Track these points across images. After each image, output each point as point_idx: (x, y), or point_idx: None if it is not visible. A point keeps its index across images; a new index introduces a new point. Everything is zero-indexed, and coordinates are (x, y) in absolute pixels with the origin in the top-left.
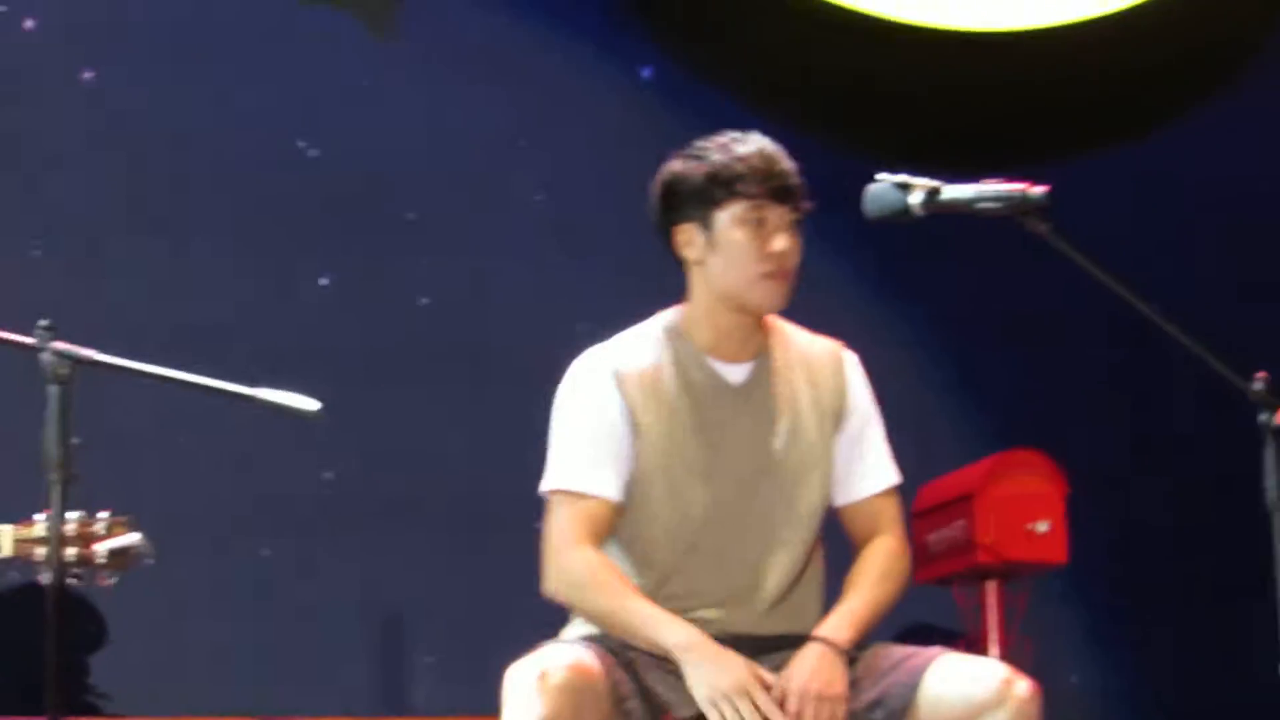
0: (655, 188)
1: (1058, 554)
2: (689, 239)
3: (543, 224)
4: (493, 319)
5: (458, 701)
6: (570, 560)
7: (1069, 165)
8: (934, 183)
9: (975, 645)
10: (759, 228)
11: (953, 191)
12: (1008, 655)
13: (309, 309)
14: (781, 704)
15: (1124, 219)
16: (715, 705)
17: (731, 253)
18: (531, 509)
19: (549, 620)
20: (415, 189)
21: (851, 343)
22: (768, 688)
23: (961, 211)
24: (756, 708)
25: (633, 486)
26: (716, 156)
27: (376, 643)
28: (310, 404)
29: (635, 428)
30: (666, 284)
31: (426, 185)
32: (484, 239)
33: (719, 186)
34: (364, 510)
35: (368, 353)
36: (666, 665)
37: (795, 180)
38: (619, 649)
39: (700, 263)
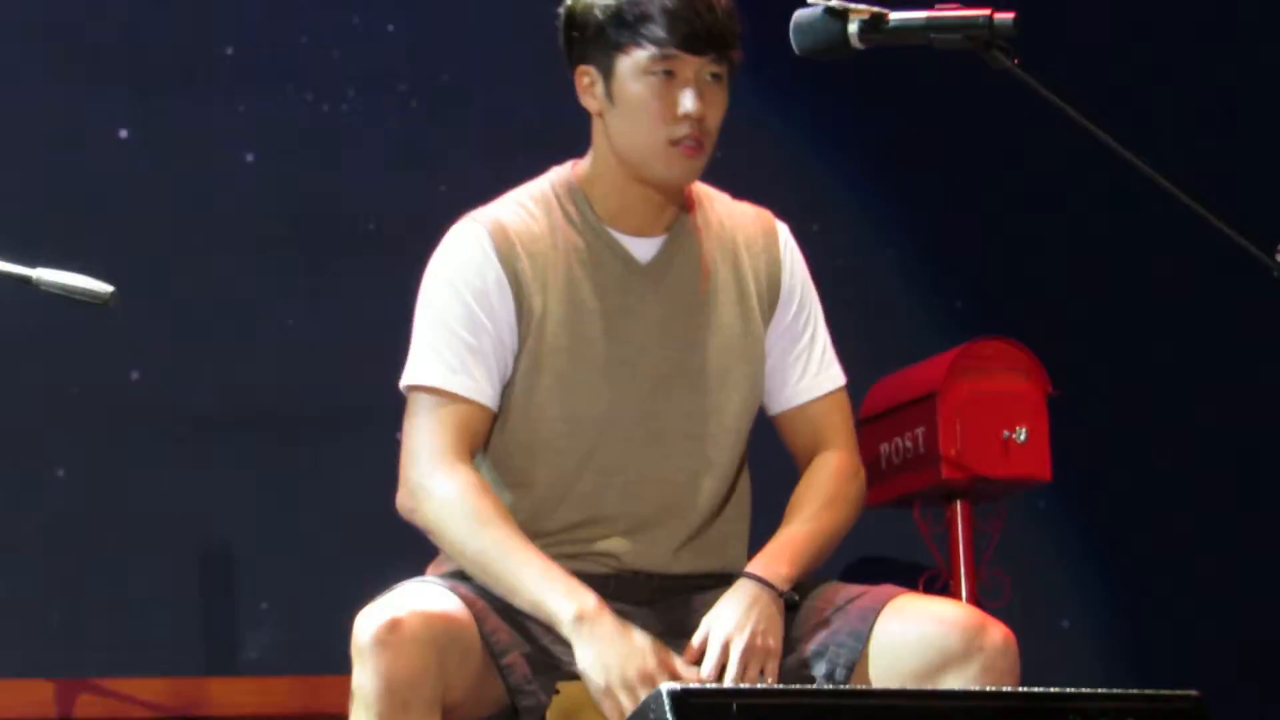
0: (562, 15)
1: (1039, 468)
2: (589, 86)
3: (398, 54)
4: (337, 177)
5: (299, 656)
6: (435, 480)
7: None
8: (876, 8)
9: (941, 581)
10: (666, 82)
11: (900, 19)
12: (979, 594)
13: (105, 168)
14: (701, 655)
15: (1101, 51)
16: (610, 695)
17: (631, 111)
18: (390, 416)
19: (410, 553)
20: (237, 12)
21: (782, 211)
22: (677, 678)
23: (911, 44)
24: None
25: (514, 384)
26: None
27: (198, 585)
28: (103, 287)
29: (520, 312)
30: (547, 136)
31: (248, 12)
32: (323, 75)
33: (620, 27)
34: (180, 419)
35: (178, 222)
36: None
37: (722, 23)
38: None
39: (600, 116)
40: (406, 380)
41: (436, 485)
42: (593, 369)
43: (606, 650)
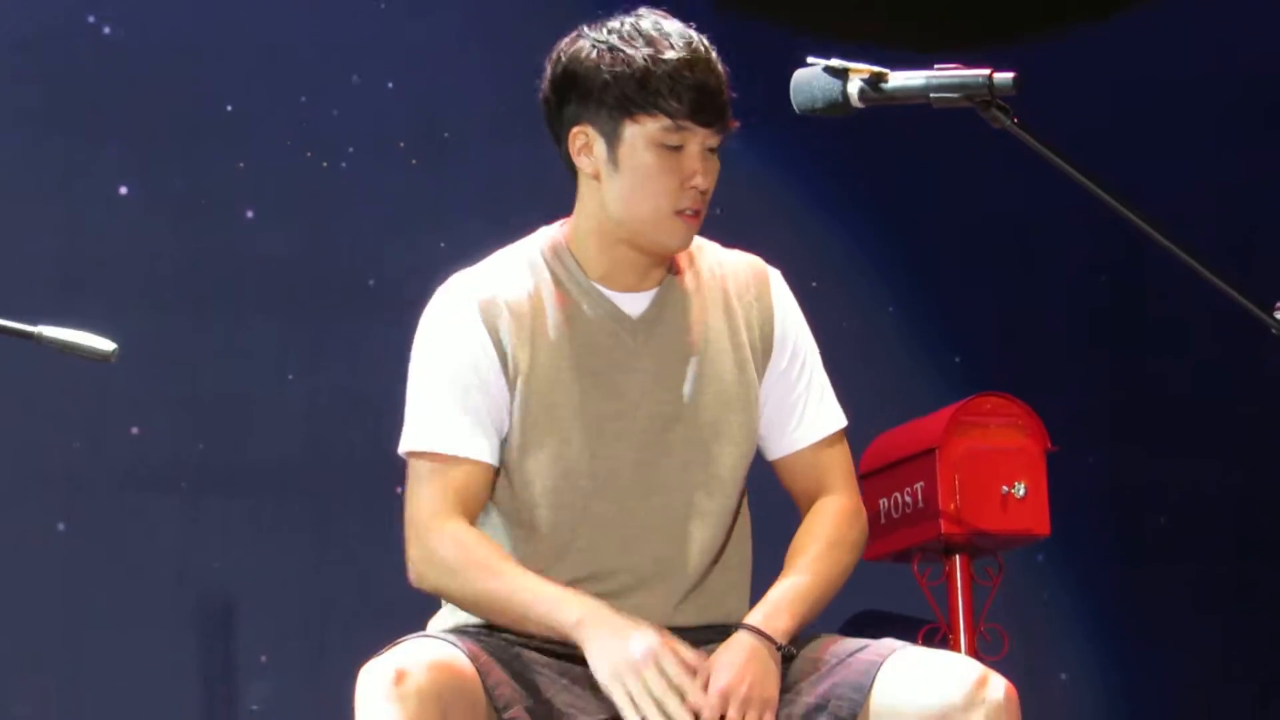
0: (552, 67)
1: (1039, 523)
2: (585, 146)
3: (397, 111)
4: (337, 234)
5: (300, 710)
6: (438, 540)
7: (1036, 46)
8: (875, 68)
9: (940, 635)
10: (676, 154)
11: (900, 79)
12: (978, 648)
13: (105, 224)
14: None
15: (1103, 108)
16: (619, 680)
17: (638, 180)
18: (388, 471)
19: (410, 608)
20: (234, 75)
21: (780, 261)
22: (689, 668)
23: (910, 103)
24: (668, 680)
25: (512, 443)
26: (635, 51)
27: (199, 638)
28: (105, 344)
29: (509, 372)
30: (546, 193)
31: (248, 70)
32: (323, 132)
33: (635, 94)
34: (181, 475)
35: (178, 278)
36: (564, 664)
37: (725, 94)
38: (502, 645)
39: (596, 178)
40: (403, 447)
41: (436, 546)
42: (584, 425)
43: (611, 640)
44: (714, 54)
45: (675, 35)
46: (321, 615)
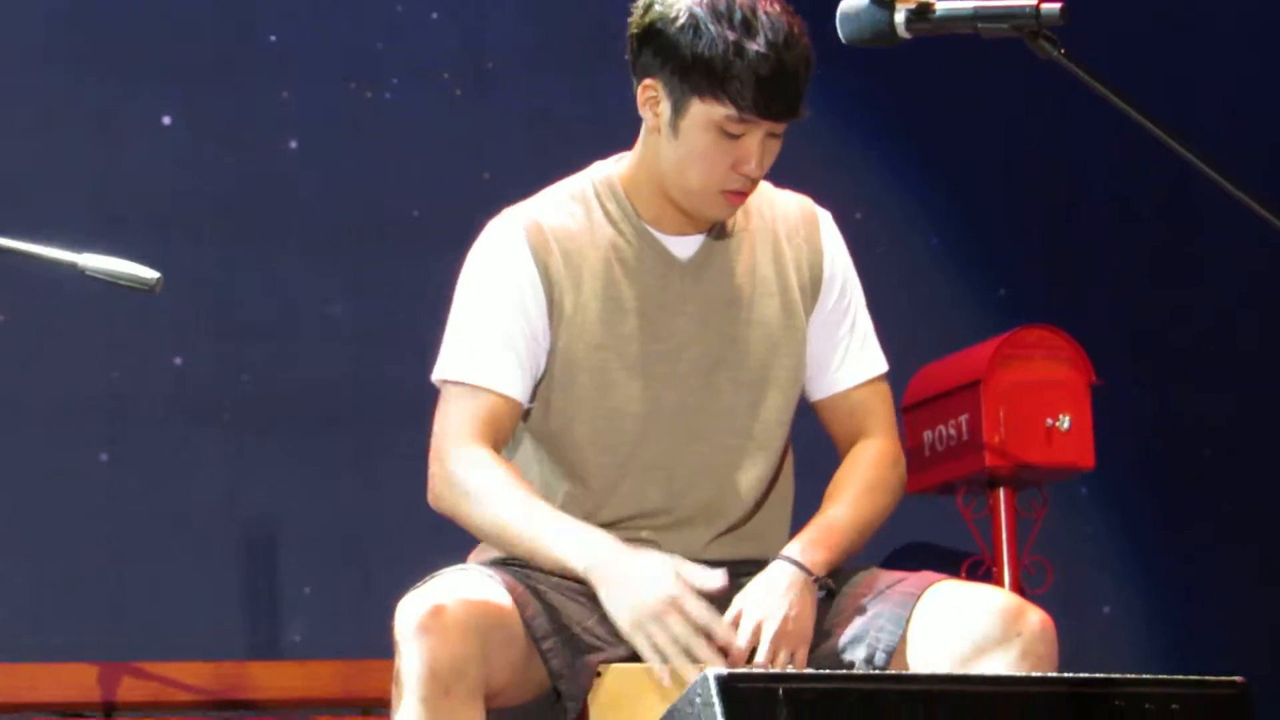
0: (644, 9)
1: (1083, 456)
2: (653, 100)
3: (442, 42)
4: (380, 165)
5: (342, 642)
6: (456, 460)
7: None
8: None
9: (984, 568)
10: (735, 140)
11: (946, 8)
12: (1022, 581)
13: (149, 155)
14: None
15: (1147, 40)
16: (640, 628)
17: (693, 155)
18: (430, 402)
19: (453, 539)
20: (277, 4)
21: (825, 199)
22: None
23: (957, 32)
24: (693, 622)
25: (552, 380)
26: (718, 34)
27: (242, 570)
28: (149, 273)
29: (553, 308)
30: (587, 124)
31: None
32: (366, 63)
33: (709, 78)
34: (223, 405)
35: (221, 209)
36: (588, 592)
37: (801, 91)
38: (539, 576)
39: (656, 132)
40: (436, 374)
41: (454, 469)
42: (631, 366)
43: (626, 588)
44: (803, 44)
45: (768, 23)
46: (364, 547)
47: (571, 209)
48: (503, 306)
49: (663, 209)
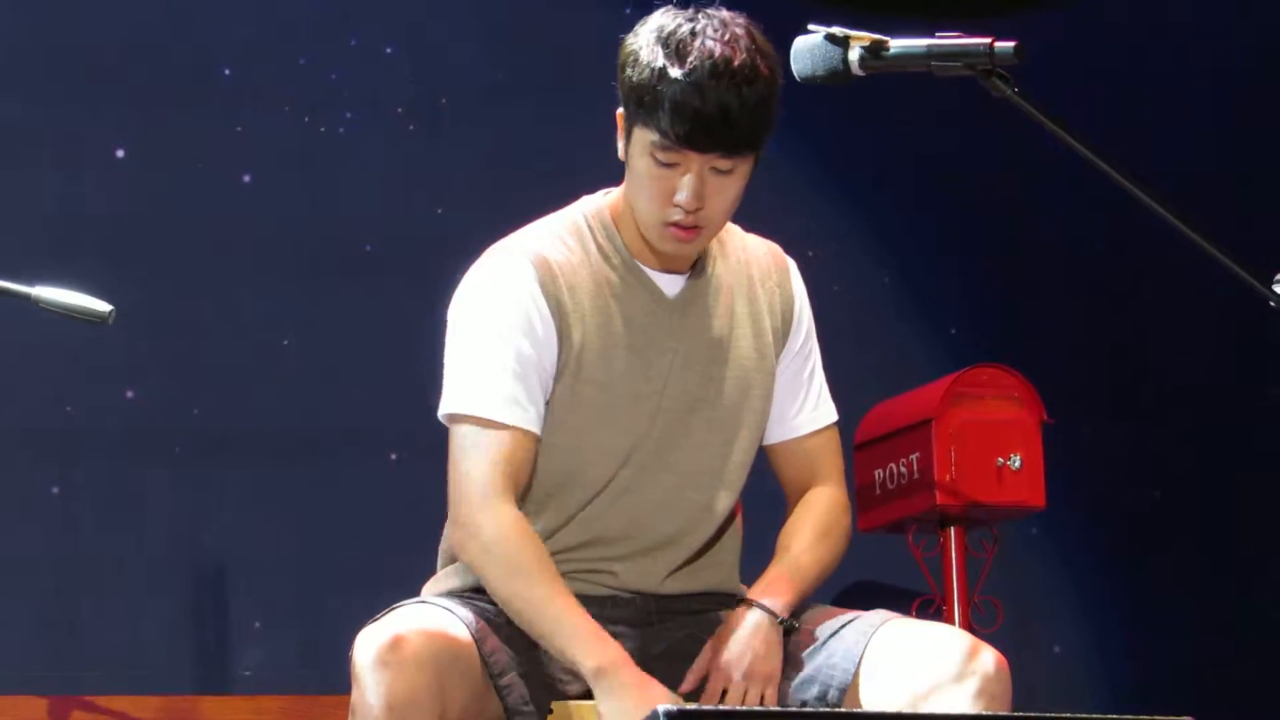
0: (624, 41)
1: (1034, 495)
2: (620, 130)
3: (396, 75)
4: (334, 198)
5: (294, 676)
6: (485, 520)
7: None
8: (876, 35)
9: (934, 606)
10: (670, 170)
11: (901, 46)
12: (972, 619)
13: (102, 187)
14: (703, 678)
15: (1106, 73)
16: None
17: (635, 182)
18: (383, 438)
19: (405, 575)
20: (232, 38)
21: (776, 236)
22: None
23: (911, 71)
24: None
25: (551, 412)
26: (649, 60)
27: (192, 604)
28: (101, 306)
29: (562, 342)
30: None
31: (246, 33)
32: (321, 96)
33: (637, 102)
34: (175, 439)
35: (175, 241)
36: None
37: (735, 124)
38: (498, 611)
39: (625, 163)
40: (452, 409)
41: (483, 526)
42: (623, 402)
43: (626, 702)
44: (743, 77)
45: (705, 51)
46: (316, 581)
47: (569, 243)
48: (517, 340)
49: (646, 244)
